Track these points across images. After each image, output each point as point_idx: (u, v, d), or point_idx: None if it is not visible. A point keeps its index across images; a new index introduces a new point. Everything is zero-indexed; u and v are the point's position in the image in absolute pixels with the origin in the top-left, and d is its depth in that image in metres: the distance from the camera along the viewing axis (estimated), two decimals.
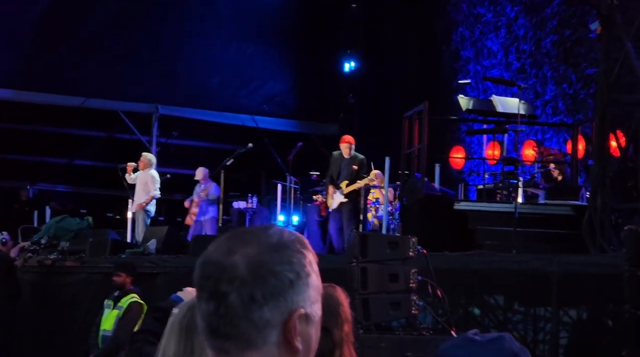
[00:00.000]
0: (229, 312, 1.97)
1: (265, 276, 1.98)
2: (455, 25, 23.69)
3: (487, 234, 12.76)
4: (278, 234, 2.05)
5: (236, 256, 1.98)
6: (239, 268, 1.97)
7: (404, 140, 14.99)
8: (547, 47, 20.43)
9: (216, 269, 1.99)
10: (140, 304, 11.98)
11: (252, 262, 1.98)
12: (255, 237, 2.03)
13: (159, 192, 18.39)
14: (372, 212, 17.97)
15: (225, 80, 25.71)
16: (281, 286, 1.99)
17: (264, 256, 1.99)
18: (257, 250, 2.00)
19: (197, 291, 2.04)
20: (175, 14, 24.91)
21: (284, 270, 2.00)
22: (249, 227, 2.14)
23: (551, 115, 19.91)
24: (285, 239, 2.04)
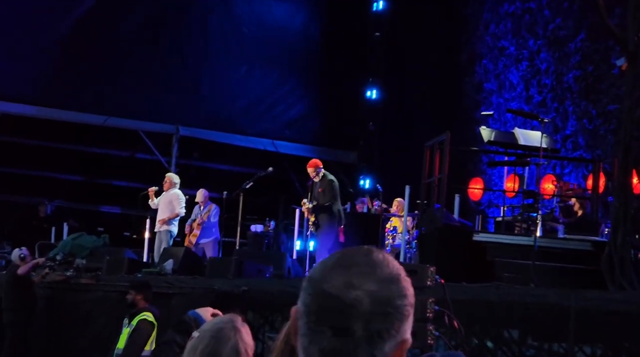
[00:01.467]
0: (355, 347, 2.01)
1: (390, 312, 2.03)
2: (479, 57, 23.73)
3: (506, 267, 12.71)
4: (384, 262, 2.09)
5: (358, 292, 2.01)
6: (363, 304, 2.00)
7: (424, 169, 14.98)
8: (569, 82, 20.43)
9: (339, 304, 2.02)
10: (149, 323, 11.89)
11: (376, 299, 2.02)
12: (369, 269, 2.06)
13: (184, 211, 18.56)
14: (390, 240, 17.98)
15: (247, 104, 25.80)
16: (401, 319, 2.04)
17: (386, 291, 2.04)
18: (377, 285, 2.04)
19: (313, 322, 2.06)
20: (200, 36, 25.05)
21: (403, 304, 2.06)
22: (349, 251, 2.14)
23: (571, 150, 19.89)
24: (393, 270, 2.09)
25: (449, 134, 14.25)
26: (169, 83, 24.77)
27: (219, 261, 16.45)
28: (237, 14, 25.31)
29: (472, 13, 24.34)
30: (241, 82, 25.61)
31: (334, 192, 16.71)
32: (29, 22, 23.43)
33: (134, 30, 24.48)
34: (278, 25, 25.90)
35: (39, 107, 23.74)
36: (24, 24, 23.42)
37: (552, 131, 19.94)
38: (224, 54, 25.32)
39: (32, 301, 15.98)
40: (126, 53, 24.34)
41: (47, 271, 16.33)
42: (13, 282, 15.90)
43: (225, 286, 14.26)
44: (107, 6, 24.05)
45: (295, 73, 26.31)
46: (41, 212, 24.31)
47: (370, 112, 26.66)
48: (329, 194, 16.60)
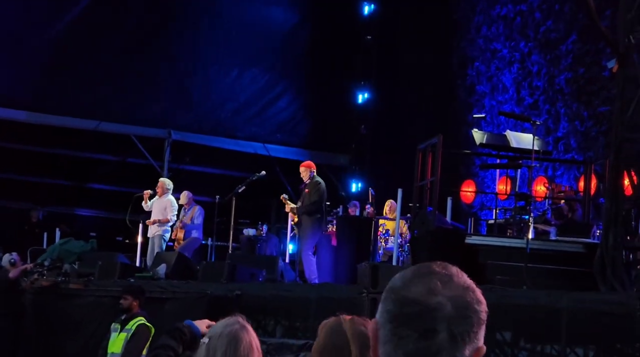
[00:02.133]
0: (439, 349, 2.11)
1: (470, 316, 2.13)
2: (471, 60, 23.75)
3: (498, 269, 12.72)
4: (459, 273, 2.21)
5: (440, 297, 2.12)
6: (446, 308, 2.11)
7: (416, 172, 14.99)
8: (560, 84, 20.47)
9: (423, 308, 2.12)
10: (148, 327, 11.98)
11: (457, 303, 2.12)
12: (447, 278, 2.17)
13: (175, 218, 18.59)
14: (382, 243, 17.98)
15: (238, 108, 25.81)
16: (478, 324, 2.15)
17: (465, 297, 2.15)
18: (456, 291, 2.15)
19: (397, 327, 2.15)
20: (191, 40, 25.02)
21: (480, 309, 2.16)
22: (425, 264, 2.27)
23: (563, 152, 19.92)
24: (467, 280, 2.21)
25: (441, 137, 14.25)
26: (161, 87, 24.78)
27: (212, 265, 16.45)
28: (228, 18, 25.28)
29: (463, 16, 24.36)
30: (232, 86, 25.61)
31: (319, 194, 16.68)
32: (20, 27, 23.39)
33: (125, 35, 24.48)
34: (268, 29, 25.90)
35: (30, 113, 23.70)
36: (14, 29, 23.39)
37: (544, 133, 19.96)
38: (215, 58, 25.32)
39: (21, 306, 15.95)
40: (118, 58, 24.30)
41: (36, 276, 16.30)
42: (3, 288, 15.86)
43: (219, 291, 14.26)
44: (98, 11, 24.02)
45: (286, 76, 26.32)
46: (33, 217, 24.29)
47: (362, 115, 26.69)
48: (314, 195, 16.59)
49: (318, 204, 16.66)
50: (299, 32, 26.21)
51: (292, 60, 26.24)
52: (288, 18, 26.17)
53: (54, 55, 23.77)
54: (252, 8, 25.63)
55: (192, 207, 19.34)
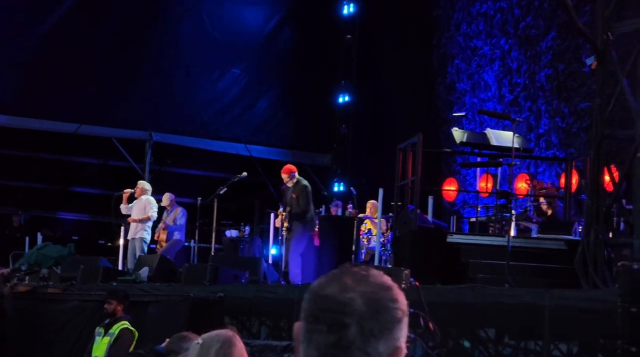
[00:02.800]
0: (349, 344, 2.13)
1: (380, 311, 2.16)
2: (450, 58, 23.77)
3: (480, 268, 12.74)
4: (380, 275, 2.24)
5: (352, 293, 2.15)
6: (357, 303, 2.14)
7: (397, 172, 15.00)
8: (541, 81, 20.50)
9: (334, 303, 2.16)
10: (131, 331, 11.97)
11: (368, 298, 2.15)
12: (365, 277, 2.21)
13: (156, 214, 18.57)
14: (365, 242, 17.98)
15: (219, 109, 25.75)
16: (392, 321, 2.17)
17: (378, 294, 2.17)
18: (370, 288, 2.18)
19: (310, 323, 2.19)
20: (171, 42, 24.97)
21: (394, 307, 2.19)
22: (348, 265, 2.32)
23: (545, 148, 19.96)
24: (387, 280, 2.23)
25: (420, 136, 14.26)
26: (141, 89, 24.68)
27: (194, 268, 16.40)
28: (208, 19, 25.22)
29: (443, 13, 24.38)
30: (213, 87, 25.55)
31: (308, 198, 16.70)
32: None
33: (105, 37, 24.39)
34: (249, 30, 25.86)
35: (10, 116, 23.58)
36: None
37: (526, 130, 20.01)
38: (196, 59, 25.25)
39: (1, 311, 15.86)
40: (98, 60, 24.20)
41: (16, 281, 16.24)
42: None
43: (201, 293, 14.24)
44: (78, 14, 23.92)
45: (267, 77, 26.28)
46: (14, 221, 24.19)
47: (343, 115, 26.66)
48: (303, 200, 16.59)
49: (308, 207, 16.69)
50: (279, 32, 26.19)
51: (273, 61, 26.20)
52: (268, 18, 26.14)
53: (34, 59, 23.66)
54: (233, 8, 25.58)
55: (174, 208, 19.31)
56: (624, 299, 9.52)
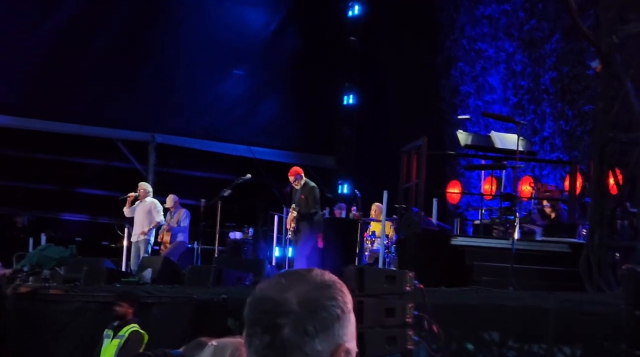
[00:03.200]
0: (284, 344, 2.11)
1: (316, 310, 2.13)
2: (454, 60, 23.75)
3: (484, 270, 12.73)
4: (321, 274, 2.21)
5: (288, 293, 2.13)
6: (291, 303, 2.12)
7: (402, 174, 14.98)
8: (545, 84, 20.48)
9: (270, 304, 2.14)
10: (141, 334, 11.96)
11: (303, 298, 2.13)
12: (303, 277, 2.19)
13: (162, 219, 18.55)
14: (369, 245, 17.97)
15: (223, 110, 25.73)
16: (330, 319, 2.14)
17: (314, 293, 2.15)
18: (307, 287, 2.15)
19: (249, 327, 2.18)
20: (175, 43, 24.96)
21: (331, 305, 2.15)
22: (292, 270, 2.35)
23: (549, 151, 19.94)
24: (327, 279, 2.20)
25: (425, 139, 14.25)
26: (145, 91, 24.68)
27: (198, 270, 16.40)
28: (212, 20, 25.21)
29: (447, 16, 24.36)
30: (217, 89, 25.55)
31: (316, 199, 16.70)
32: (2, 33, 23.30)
33: (109, 38, 24.39)
34: (253, 31, 25.84)
35: (13, 117, 23.60)
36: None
37: (530, 133, 19.99)
38: (200, 61, 25.24)
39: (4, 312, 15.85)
40: (100, 61, 24.22)
41: (18, 282, 16.24)
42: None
43: (205, 295, 14.22)
44: (81, 15, 23.94)
45: (271, 79, 26.26)
46: (18, 222, 24.18)
47: (347, 117, 26.65)
48: (311, 202, 16.59)
49: (316, 208, 16.69)
50: (283, 34, 26.16)
51: (276, 62, 26.19)
52: (272, 20, 26.13)
53: (38, 61, 23.67)
54: (237, 10, 25.57)
55: (178, 210, 19.30)
56: (628, 302, 9.53)
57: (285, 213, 19.76)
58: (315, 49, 26.06)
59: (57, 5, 23.94)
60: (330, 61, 26.42)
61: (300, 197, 16.72)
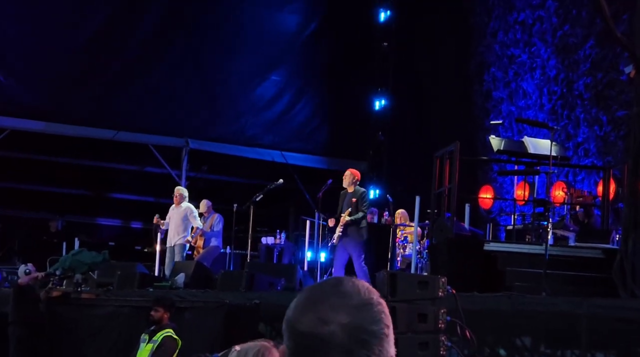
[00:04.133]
0: None
1: (364, 339, 2.09)
2: (487, 66, 23.70)
3: (517, 276, 12.69)
4: (354, 290, 2.15)
5: (331, 326, 2.08)
6: (337, 336, 2.07)
7: (434, 179, 14.97)
8: (579, 89, 20.40)
9: (315, 341, 2.09)
10: (174, 340, 12.00)
11: (349, 328, 2.08)
12: (339, 301, 2.12)
13: (200, 223, 18.63)
14: (401, 250, 17.95)
15: (256, 116, 25.80)
16: (379, 343, 2.11)
17: (357, 320, 2.10)
18: (348, 316, 2.10)
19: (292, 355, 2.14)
20: (208, 48, 25.02)
21: (378, 328, 2.12)
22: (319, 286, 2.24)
23: (583, 157, 19.85)
24: (364, 296, 2.15)
25: (458, 144, 14.24)
26: (178, 96, 24.80)
27: (230, 274, 16.44)
28: (245, 25, 25.28)
29: (479, 21, 24.31)
30: (249, 94, 25.61)
31: (365, 203, 16.50)
32: (37, 38, 23.47)
33: (144, 45, 24.52)
34: (285, 36, 25.86)
35: (48, 123, 23.77)
36: (31, 41, 23.46)
37: (564, 138, 19.92)
38: (232, 66, 25.28)
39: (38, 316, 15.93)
40: (135, 67, 24.36)
41: (51, 286, 16.32)
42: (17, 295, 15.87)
43: (237, 299, 14.25)
44: (116, 21, 24.08)
45: (303, 84, 26.29)
46: (52, 227, 24.34)
47: (379, 122, 26.64)
48: (361, 205, 16.38)
49: (365, 213, 16.47)
50: (315, 39, 26.17)
51: (309, 68, 26.21)
52: (305, 26, 26.14)
53: (72, 67, 23.81)
54: (268, 15, 25.60)
55: (211, 215, 19.36)
56: None
57: (317, 218, 19.80)
58: (348, 55, 26.07)
59: (91, 11, 24.08)
60: (363, 67, 26.42)
61: (351, 201, 16.47)
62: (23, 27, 23.44)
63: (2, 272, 20.04)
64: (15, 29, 23.40)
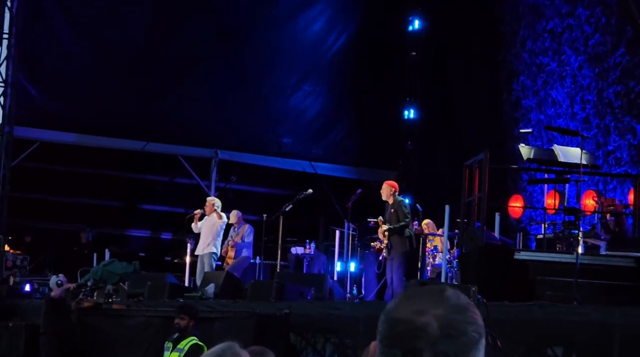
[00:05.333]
0: None
1: (456, 335, 2.14)
2: (516, 74, 23.64)
3: (548, 285, 12.62)
4: (457, 295, 2.22)
5: (427, 316, 2.14)
6: (431, 327, 2.12)
7: (464, 188, 14.92)
8: (609, 98, 20.31)
9: (408, 327, 2.14)
10: (200, 347, 12.02)
11: (444, 322, 2.13)
12: (439, 298, 2.19)
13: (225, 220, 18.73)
14: (431, 260, 17.91)
15: (284, 126, 25.82)
16: (469, 344, 2.15)
17: (453, 316, 2.15)
18: (446, 311, 2.15)
19: (385, 347, 2.19)
20: (239, 61, 25.04)
21: (471, 330, 2.16)
22: (422, 287, 2.30)
23: (614, 165, 19.74)
24: (464, 301, 2.22)
25: (487, 153, 14.19)
26: (207, 107, 24.87)
27: (260, 284, 16.44)
28: (278, 38, 25.31)
29: (509, 30, 24.26)
30: (276, 104, 25.63)
31: (405, 212, 16.44)
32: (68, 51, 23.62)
33: (173, 57, 24.61)
34: (318, 48, 25.87)
35: (79, 134, 23.91)
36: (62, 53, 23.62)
37: (594, 147, 19.84)
38: (261, 77, 25.32)
39: (69, 327, 16.01)
40: (166, 80, 24.45)
41: (82, 296, 16.39)
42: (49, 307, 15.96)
43: (267, 310, 14.25)
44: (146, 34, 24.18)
45: (332, 94, 26.29)
46: (82, 238, 24.45)
47: (409, 131, 26.56)
48: (401, 215, 16.34)
49: (406, 222, 16.40)
50: (346, 50, 26.15)
51: (339, 78, 26.20)
52: (334, 36, 26.12)
53: (102, 79, 23.93)
54: (298, 26, 25.60)
55: (241, 225, 19.40)
56: None
57: (347, 228, 19.78)
58: (377, 64, 26.05)
59: (126, 24, 24.21)
60: (392, 76, 26.39)
61: (390, 212, 16.47)
62: (54, 41, 23.58)
63: (33, 284, 20.15)
64: (46, 42, 23.54)
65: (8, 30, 21.44)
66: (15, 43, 21.72)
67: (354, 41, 26.16)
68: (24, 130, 22.99)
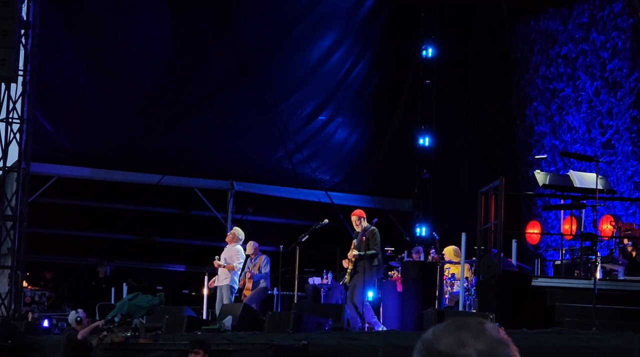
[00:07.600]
0: None
1: None
2: (529, 100, 23.65)
3: (566, 311, 12.60)
4: (495, 328, 2.25)
5: (469, 349, 2.17)
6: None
7: (480, 216, 14.91)
8: (626, 123, 20.30)
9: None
10: None
11: (485, 356, 2.17)
12: (479, 331, 2.21)
13: (240, 265, 18.68)
14: (448, 288, 17.86)
15: (300, 156, 25.80)
16: None
17: (494, 350, 2.19)
18: (487, 344, 2.19)
19: None
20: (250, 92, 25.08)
21: None
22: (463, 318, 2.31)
23: (634, 190, 19.70)
24: (503, 335, 2.25)
25: (502, 180, 14.19)
26: (222, 138, 24.90)
27: (278, 316, 16.42)
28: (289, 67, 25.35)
29: (521, 57, 24.29)
30: (295, 136, 25.61)
31: (376, 241, 16.79)
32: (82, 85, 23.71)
33: (188, 91, 24.66)
34: (331, 77, 25.84)
35: (94, 169, 23.95)
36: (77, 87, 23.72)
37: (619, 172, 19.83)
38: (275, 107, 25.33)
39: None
40: (181, 113, 24.50)
41: (105, 333, 16.33)
42: (71, 347, 15.92)
43: (285, 341, 14.23)
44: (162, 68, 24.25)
45: (348, 124, 26.27)
46: (100, 273, 24.48)
47: (424, 159, 26.53)
48: (372, 243, 16.67)
49: (377, 250, 16.79)
50: (362, 78, 26.17)
51: (353, 107, 26.21)
52: (349, 65, 26.13)
53: (117, 114, 23.99)
54: (314, 56, 25.59)
55: (258, 256, 19.38)
56: None
57: None
58: (391, 92, 26.11)
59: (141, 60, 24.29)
60: (406, 104, 26.42)
61: (362, 239, 16.82)
62: (69, 76, 23.67)
63: (52, 319, 20.16)
64: (61, 78, 23.63)
65: (23, 67, 21.53)
66: (31, 79, 21.81)
67: (369, 70, 26.18)
68: (40, 166, 23.04)
